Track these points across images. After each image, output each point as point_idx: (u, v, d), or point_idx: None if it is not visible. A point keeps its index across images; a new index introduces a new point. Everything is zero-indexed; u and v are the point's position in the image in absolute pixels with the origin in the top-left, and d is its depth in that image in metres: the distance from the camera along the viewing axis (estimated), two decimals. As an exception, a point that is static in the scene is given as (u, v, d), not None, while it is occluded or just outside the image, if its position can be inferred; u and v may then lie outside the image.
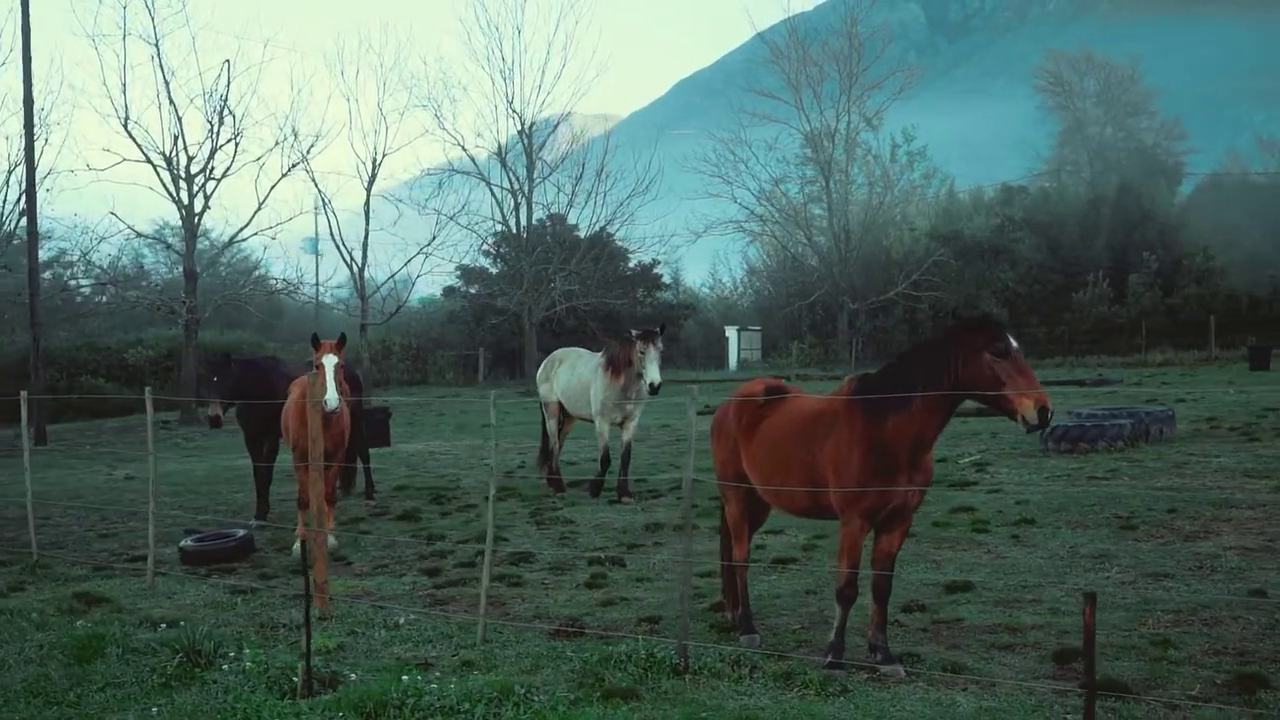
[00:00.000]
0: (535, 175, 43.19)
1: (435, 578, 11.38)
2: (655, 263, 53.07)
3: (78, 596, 10.66)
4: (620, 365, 14.88)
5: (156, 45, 33.40)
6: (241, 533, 12.81)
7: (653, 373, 14.44)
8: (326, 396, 11.76)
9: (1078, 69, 72.41)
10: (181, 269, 33.88)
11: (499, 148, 43.07)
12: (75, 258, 39.98)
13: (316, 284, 52.57)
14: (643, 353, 14.51)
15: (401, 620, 9.50)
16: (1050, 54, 77.59)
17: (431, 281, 47.93)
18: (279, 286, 36.82)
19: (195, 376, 31.16)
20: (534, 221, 44.75)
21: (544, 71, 44.85)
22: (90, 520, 15.91)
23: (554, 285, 41.24)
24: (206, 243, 35.37)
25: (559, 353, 16.70)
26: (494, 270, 51.61)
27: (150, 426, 11.67)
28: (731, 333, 53.82)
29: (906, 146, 63.59)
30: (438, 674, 7.83)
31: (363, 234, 36.70)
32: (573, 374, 15.69)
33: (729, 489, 8.58)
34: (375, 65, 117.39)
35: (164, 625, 9.31)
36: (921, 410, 7.26)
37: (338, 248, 36.55)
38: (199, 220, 32.79)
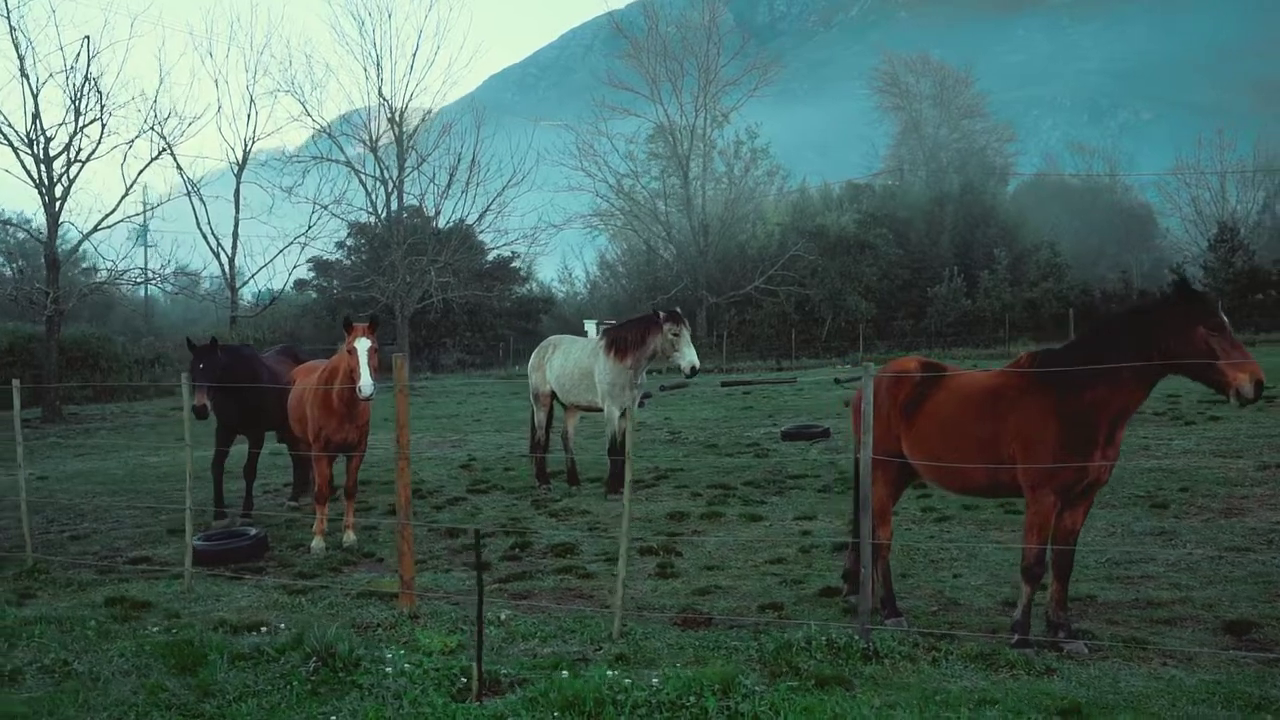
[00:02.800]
0: (406, 165, 41.94)
1: (488, 572, 10.84)
2: (514, 256, 52.38)
3: (112, 602, 9.73)
4: (630, 346, 14.45)
5: (8, 18, 31.12)
6: (254, 531, 11.99)
7: (691, 355, 14.13)
8: (361, 383, 11.08)
9: (914, 71, 74.88)
10: (44, 257, 31.45)
11: (370, 137, 41.71)
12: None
13: (145, 274, 49.96)
14: (676, 334, 14.17)
15: (504, 616, 8.99)
16: (887, 56, 79.99)
17: (279, 275, 46.05)
18: (150, 276, 34.69)
19: (57, 373, 29.10)
20: (403, 213, 43.50)
21: (415, 58, 43.51)
22: (36, 522, 14.62)
23: (429, 277, 40.13)
24: (73, 230, 32.96)
25: (551, 340, 16.17)
26: (348, 262, 50.12)
27: (186, 416, 10.78)
28: (590, 326, 53.42)
29: (750, 144, 64.44)
30: (604, 669, 7.38)
31: (232, 223, 34.96)
32: (567, 360, 15.17)
33: (877, 470, 8.35)
34: (245, 47, 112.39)
35: (262, 629, 8.59)
36: (1127, 383, 7.19)
37: (205, 237, 34.73)
38: (60, 206, 30.61)
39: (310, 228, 36.41)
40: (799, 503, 13.79)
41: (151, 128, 32.68)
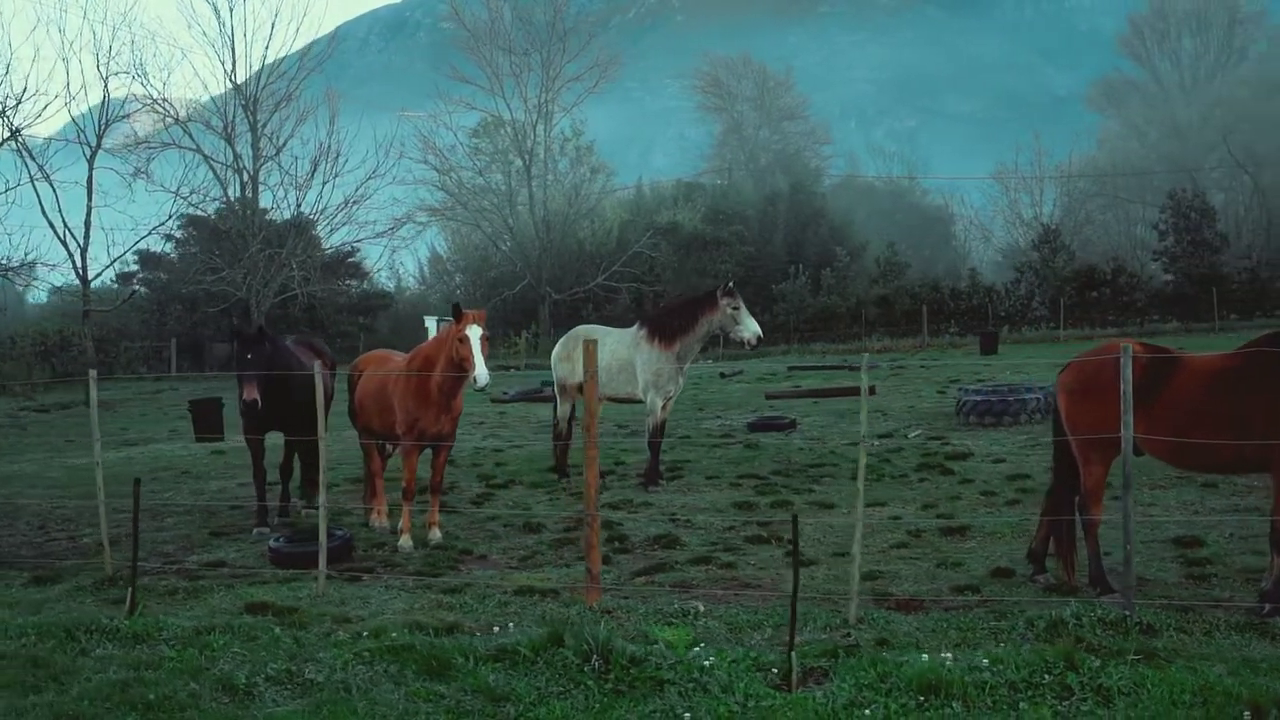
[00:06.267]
0: (261, 153, 40.07)
1: (607, 565, 10.55)
2: (354, 250, 50.74)
3: (254, 609, 9.03)
4: (679, 332, 14.21)
5: None
6: (340, 532, 11.29)
7: (754, 325, 14.04)
8: (477, 372, 10.62)
9: (735, 73, 76.29)
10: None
11: (225, 124, 39.68)
12: None
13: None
14: (735, 308, 14.03)
15: (701, 608, 8.78)
16: (707, 57, 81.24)
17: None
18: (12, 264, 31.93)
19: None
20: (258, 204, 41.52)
21: (269, 42, 41.62)
22: (26, 529, 13.56)
23: (289, 270, 38.40)
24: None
25: (579, 330, 15.75)
26: (174, 256, 47.79)
27: (321, 411, 10.09)
28: (430, 323, 52.24)
29: (575, 141, 64.40)
30: (920, 654, 7.25)
31: (84, 211, 32.60)
32: (602, 352, 14.75)
33: (1095, 450, 8.51)
34: (96, 24, 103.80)
35: (495, 629, 8.15)
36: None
37: (51, 226, 32.30)
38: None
39: (170, 219, 34.34)
40: (847, 490, 13.88)
41: (2, 113, 30.12)
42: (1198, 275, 45.31)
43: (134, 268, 47.29)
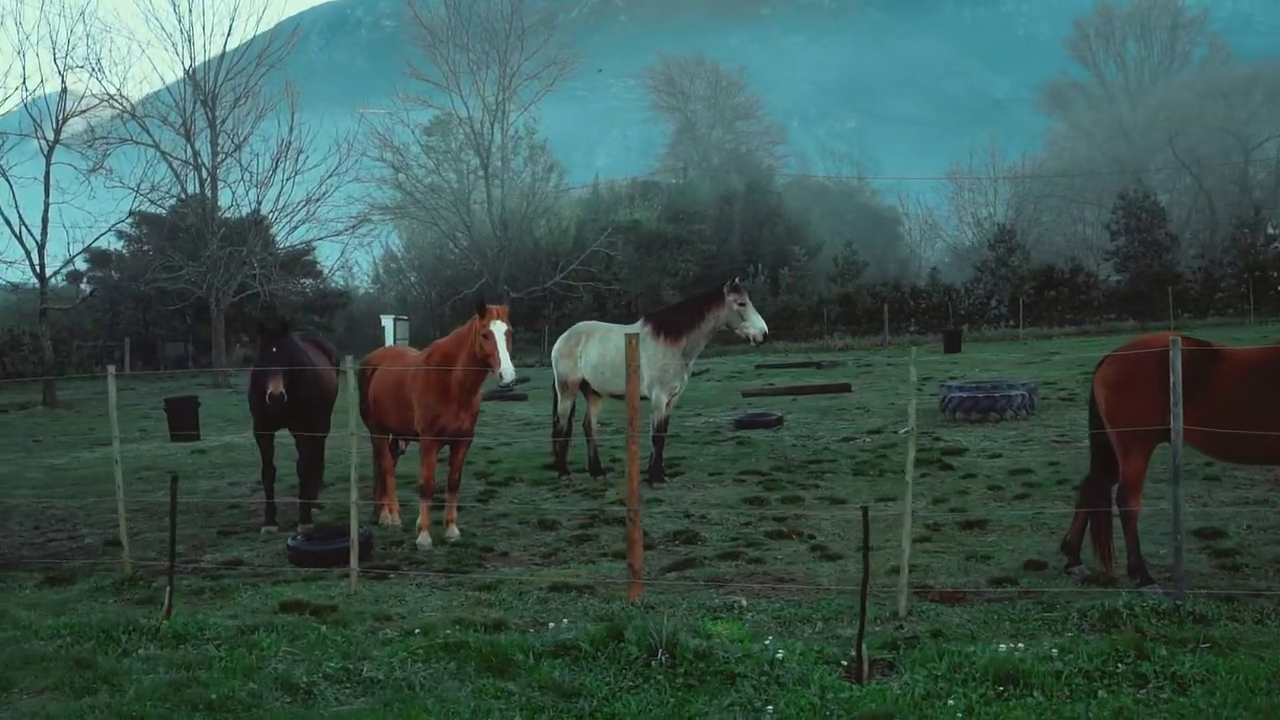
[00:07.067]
0: (220, 149, 39.47)
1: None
2: (310, 249, 50.18)
3: (289, 608, 8.89)
4: (685, 328, 14.18)
5: None
6: (360, 530, 11.12)
7: (760, 322, 14.09)
8: (503, 368, 10.55)
9: (688, 73, 76.50)
10: None
11: (183, 120, 39.04)
12: None
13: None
14: (742, 305, 14.03)
15: (744, 602, 8.77)
16: (661, 56, 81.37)
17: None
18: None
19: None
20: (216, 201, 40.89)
21: (228, 37, 41.03)
22: (21, 529, 13.27)
23: (249, 268, 37.83)
24: None
25: (582, 326, 15.66)
26: (127, 253, 46.97)
27: (351, 405, 9.93)
28: (387, 321, 52.02)
29: (529, 139, 64.23)
30: (996, 645, 7.27)
31: (41, 207, 31.89)
32: (606, 347, 14.72)
33: (1136, 442, 8.60)
34: (53, 16, 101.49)
35: (549, 625, 8.08)
36: None
37: (7, 222, 31.60)
38: None
39: (130, 215, 33.68)
40: (851, 485, 13.97)
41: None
42: (1151, 275, 46.04)
43: (84, 266, 46.47)
